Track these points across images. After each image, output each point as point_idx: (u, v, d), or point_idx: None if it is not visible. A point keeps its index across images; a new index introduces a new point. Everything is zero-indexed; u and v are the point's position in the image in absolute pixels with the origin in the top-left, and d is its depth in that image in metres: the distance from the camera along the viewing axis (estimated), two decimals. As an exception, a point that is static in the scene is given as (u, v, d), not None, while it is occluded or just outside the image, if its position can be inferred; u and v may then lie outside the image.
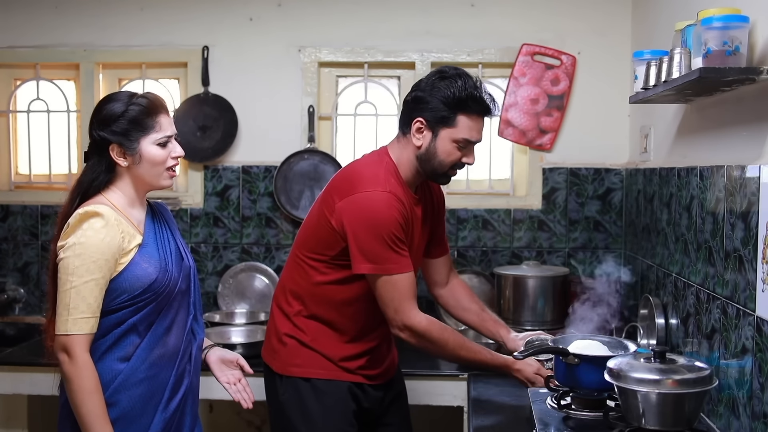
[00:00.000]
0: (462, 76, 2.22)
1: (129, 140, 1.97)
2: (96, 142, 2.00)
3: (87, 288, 1.88)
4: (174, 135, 2.06)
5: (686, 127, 2.54)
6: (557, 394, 2.22)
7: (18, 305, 3.65)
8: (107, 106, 2.00)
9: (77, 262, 1.89)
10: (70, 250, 1.90)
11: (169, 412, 2.02)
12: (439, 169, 2.26)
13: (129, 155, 1.98)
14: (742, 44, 1.82)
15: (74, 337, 1.88)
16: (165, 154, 2.02)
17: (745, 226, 1.91)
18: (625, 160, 3.43)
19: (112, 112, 1.97)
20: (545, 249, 3.50)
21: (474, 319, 2.57)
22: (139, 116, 1.98)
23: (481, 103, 2.21)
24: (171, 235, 2.13)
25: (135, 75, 3.65)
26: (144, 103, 2.00)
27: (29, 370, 2.95)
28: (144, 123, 1.98)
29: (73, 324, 1.88)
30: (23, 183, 3.74)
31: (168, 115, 2.05)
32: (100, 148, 1.99)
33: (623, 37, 3.40)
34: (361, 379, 2.34)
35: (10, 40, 3.63)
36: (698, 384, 1.80)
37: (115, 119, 1.97)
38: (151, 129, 1.99)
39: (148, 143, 1.99)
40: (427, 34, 3.49)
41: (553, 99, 3.45)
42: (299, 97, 3.53)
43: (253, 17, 3.54)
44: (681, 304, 2.44)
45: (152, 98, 2.03)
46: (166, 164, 2.03)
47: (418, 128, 2.23)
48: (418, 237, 2.36)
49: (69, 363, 1.89)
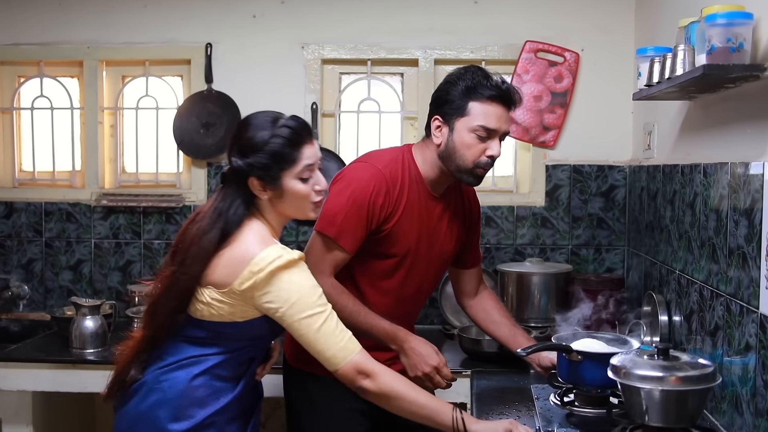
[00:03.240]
0: (475, 70, 2.20)
1: (270, 175, 1.85)
2: (234, 169, 1.87)
3: (333, 314, 1.86)
4: (317, 163, 1.91)
5: (690, 124, 2.54)
6: (560, 391, 2.22)
7: (22, 302, 3.65)
8: (249, 134, 1.86)
9: (314, 296, 1.84)
10: (298, 290, 1.83)
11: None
12: (463, 165, 2.19)
13: (270, 189, 1.87)
14: (746, 41, 1.81)
15: (357, 356, 1.86)
16: (308, 189, 1.89)
17: (748, 223, 1.91)
18: (628, 157, 3.43)
19: (253, 142, 1.84)
20: (548, 246, 3.50)
21: (506, 333, 2.49)
22: (282, 149, 1.84)
23: (491, 88, 2.16)
24: None
25: (138, 72, 3.66)
26: (287, 134, 1.85)
27: (34, 366, 2.97)
28: (287, 156, 1.85)
29: (347, 347, 1.86)
30: (27, 180, 3.75)
31: (312, 142, 1.91)
32: (238, 177, 1.87)
33: (627, 34, 3.40)
34: None
35: (14, 38, 3.64)
36: (702, 381, 1.80)
37: (255, 150, 1.84)
38: (294, 162, 1.86)
39: (290, 178, 1.86)
40: (430, 31, 3.49)
41: (556, 96, 3.45)
42: (302, 94, 3.53)
43: (257, 14, 3.54)
44: (684, 301, 2.44)
45: (296, 127, 1.88)
46: (310, 199, 1.91)
47: (437, 126, 2.22)
48: (444, 236, 2.34)
49: (373, 381, 1.88)
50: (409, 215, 2.24)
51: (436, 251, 2.35)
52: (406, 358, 2.18)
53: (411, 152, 2.30)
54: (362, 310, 2.18)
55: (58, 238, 3.65)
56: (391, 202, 2.20)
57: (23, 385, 2.97)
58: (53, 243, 3.65)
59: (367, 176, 2.19)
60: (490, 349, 2.80)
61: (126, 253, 3.63)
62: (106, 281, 3.64)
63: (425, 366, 2.16)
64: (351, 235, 2.16)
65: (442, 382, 2.19)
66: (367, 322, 2.17)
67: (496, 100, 2.16)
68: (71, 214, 3.64)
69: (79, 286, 3.65)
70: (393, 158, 2.26)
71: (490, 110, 2.16)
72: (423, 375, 2.16)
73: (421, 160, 2.27)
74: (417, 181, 2.26)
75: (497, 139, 2.19)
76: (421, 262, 2.31)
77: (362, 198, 2.15)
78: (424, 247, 2.30)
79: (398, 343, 2.19)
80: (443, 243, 2.36)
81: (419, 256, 2.29)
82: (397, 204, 2.22)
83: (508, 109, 2.20)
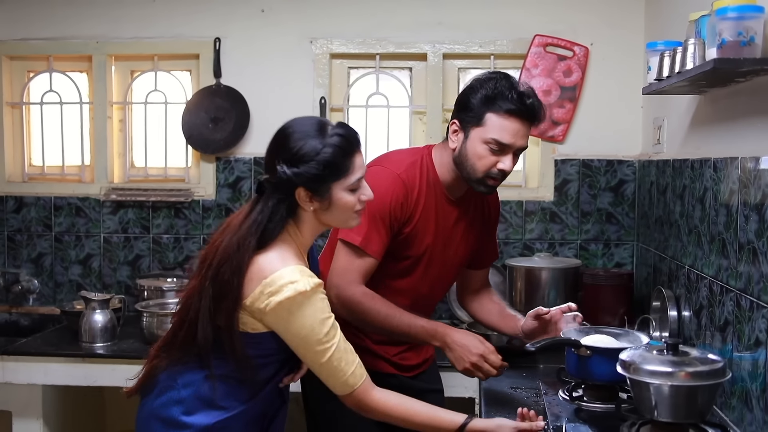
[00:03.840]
0: (500, 78, 2.13)
1: (321, 186, 1.77)
2: (279, 180, 1.76)
3: (341, 344, 1.81)
4: (364, 174, 1.85)
5: (700, 118, 2.53)
6: (569, 386, 2.22)
7: (32, 296, 3.67)
8: (297, 142, 1.76)
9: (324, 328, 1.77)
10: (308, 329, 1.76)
11: None
12: (473, 175, 2.16)
13: (317, 200, 1.79)
14: (757, 34, 1.80)
15: (361, 387, 1.84)
16: (355, 200, 1.83)
17: (759, 217, 1.90)
18: (637, 152, 3.41)
19: (305, 151, 1.75)
20: (557, 241, 3.49)
21: (496, 319, 2.48)
22: (335, 159, 1.76)
23: (512, 101, 2.09)
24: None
25: (147, 67, 3.66)
26: (339, 143, 1.77)
27: (44, 360, 2.98)
28: (339, 167, 1.77)
29: (352, 378, 1.82)
30: (37, 174, 3.76)
31: (361, 152, 1.84)
32: (284, 187, 1.77)
33: (636, 28, 3.38)
34: (391, 369, 2.32)
35: (24, 33, 3.64)
36: (711, 376, 1.79)
37: (307, 159, 1.74)
38: (345, 173, 1.78)
39: (340, 189, 1.79)
40: (439, 26, 3.48)
41: (565, 90, 3.43)
42: (311, 88, 3.53)
43: (265, 8, 3.54)
44: (694, 296, 2.44)
45: (347, 135, 1.81)
46: (355, 209, 1.85)
47: (454, 130, 2.20)
48: (460, 240, 2.33)
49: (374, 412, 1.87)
50: (425, 218, 2.23)
51: (451, 255, 2.34)
52: (451, 352, 2.13)
53: (431, 154, 2.28)
54: (397, 312, 2.14)
55: (67, 232, 3.66)
56: (410, 206, 2.19)
57: (33, 378, 2.99)
58: (63, 237, 3.66)
59: (387, 183, 2.15)
60: (498, 344, 2.78)
61: (135, 248, 3.64)
62: (116, 275, 3.65)
63: (471, 356, 2.10)
64: (377, 241, 2.14)
65: (492, 370, 2.11)
66: (403, 323, 2.14)
67: (515, 114, 2.10)
68: (80, 209, 3.65)
69: (88, 281, 3.66)
70: (413, 162, 2.23)
71: (507, 125, 2.10)
72: (471, 366, 2.11)
73: (439, 163, 2.26)
74: (435, 184, 2.25)
75: (511, 154, 2.14)
76: (436, 265, 2.30)
77: (383, 205, 2.12)
78: (439, 250, 2.29)
79: (439, 338, 2.14)
80: (458, 247, 2.35)
81: (434, 258, 2.29)
82: (415, 208, 2.21)
83: (528, 124, 2.14)
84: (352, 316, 2.15)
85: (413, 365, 2.39)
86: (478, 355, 2.10)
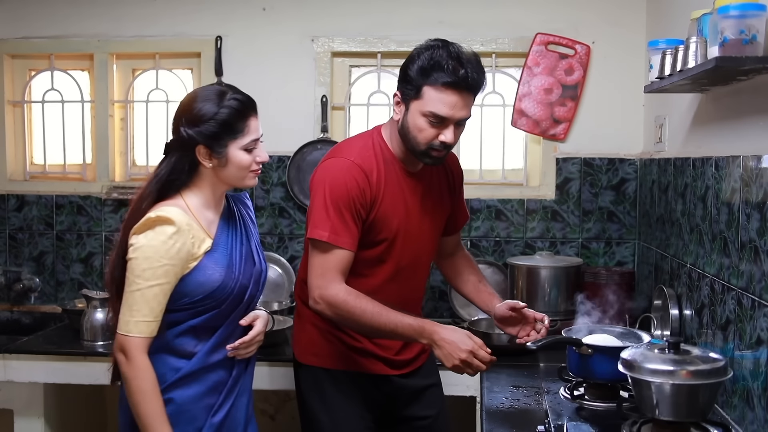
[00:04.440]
0: (437, 48, 2.07)
1: (218, 143, 1.93)
2: (182, 139, 1.94)
3: (152, 292, 1.87)
4: (260, 137, 2.00)
5: (702, 116, 2.53)
6: (570, 385, 2.22)
7: (34, 294, 3.67)
8: (198, 105, 1.93)
9: (145, 265, 1.87)
10: (140, 252, 1.88)
11: (221, 414, 2.01)
12: (416, 147, 2.12)
13: (215, 157, 1.94)
14: (759, 33, 1.80)
15: (133, 339, 1.88)
16: (251, 159, 1.98)
17: (761, 216, 1.89)
18: (639, 150, 3.41)
19: (203, 112, 1.92)
20: (558, 239, 3.49)
21: (470, 290, 2.46)
22: (231, 119, 1.93)
23: (447, 74, 2.02)
24: (245, 237, 2.08)
25: (149, 65, 3.66)
26: (235, 105, 1.94)
27: (45, 358, 2.98)
28: (235, 127, 1.93)
29: (135, 326, 1.88)
30: (38, 173, 3.76)
31: (257, 117, 2.00)
32: (185, 146, 1.94)
33: (638, 27, 3.37)
34: (383, 368, 2.31)
35: (25, 31, 3.65)
36: (712, 375, 1.79)
37: (205, 120, 1.92)
38: (241, 133, 1.94)
39: (236, 148, 1.95)
40: (440, 24, 3.47)
41: (567, 89, 3.43)
42: (312, 87, 3.53)
43: (266, 7, 3.54)
44: (695, 295, 2.43)
45: (243, 99, 1.97)
46: (251, 168, 1.99)
47: (396, 102, 2.16)
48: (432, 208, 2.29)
49: (126, 364, 1.89)
50: (391, 198, 2.19)
51: (426, 228, 2.30)
52: (439, 349, 2.06)
53: (380, 134, 2.24)
54: (383, 310, 2.09)
55: (69, 231, 3.66)
56: (372, 189, 2.14)
57: (34, 377, 2.99)
58: (64, 236, 3.67)
59: (343, 172, 2.12)
60: (499, 343, 2.80)
61: (136, 246, 3.63)
62: (117, 274, 3.64)
63: (460, 353, 2.03)
64: (345, 232, 2.10)
65: (481, 365, 2.06)
66: (390, 322, 2.08)
67: (452, 87, 2.04)
68: (82, 207, 3.65)
69: (90, 279, 3.66)
70: (364, 146, 2.20)
71: (444, 97, 2.04)
72: (461, 362, 2.04)
73: (389, 139, 2.22)
74: (391, 161, 2.21)
75: (452, 126, 2.09)
76: (414, 239, 2.26)
77: (344, 194, 2.10)
78: (414, 223, 2.25)
79: (427, 336, 2.08)
80: (432, 219, 2.31)
81: (410, 234, 2.25)
82: (378, 190, 2.16)
83: (467, 95, 2.07)
84: (338, 316, 2.10)
85: (408, 360, 2.36)
86: (467, 351, 2.03)
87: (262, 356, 2.89)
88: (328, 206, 2.09)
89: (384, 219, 2.18)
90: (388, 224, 2.19)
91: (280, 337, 3.03)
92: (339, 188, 2.09)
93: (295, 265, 3.52)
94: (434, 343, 2.07)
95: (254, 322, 2.08)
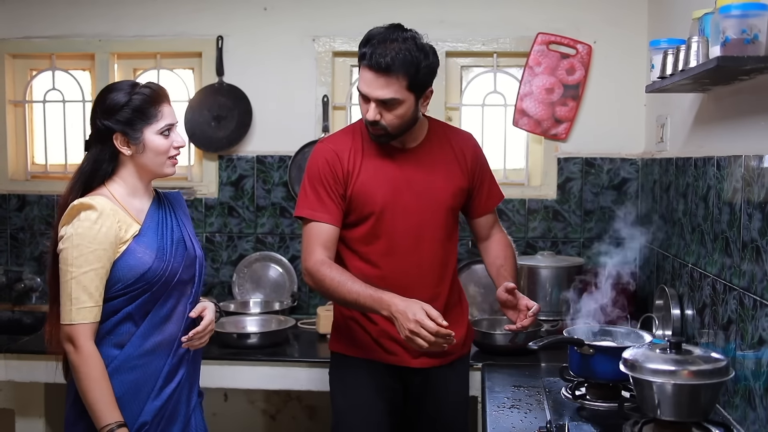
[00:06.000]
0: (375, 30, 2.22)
1: (133, 129, 1.99)
2: (99, 131, 2.02)
3: (87, 278, 1.91)
4: (176, 124, 2.08)
5: (703, 116, 2.52)
6: (572, 385, 2.22)
7: (35, 294, 3.68)
8: (111, 96, 2.01)
9: (75, 252, 1.91)
10: (68, 242, 1.93)
11: (161, 399, 2.03)
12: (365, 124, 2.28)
13: (133, 144, 2.01)
14: (761, 32, 1.79)
15: (78, 326, 1.91)
16: (168, 144, 2.05)
17: (762, 216, 1.89)
18: (640, 150, 3.41)
19: (116, 102, 1.99)
20: (560, 239, 3.49)
21: (493, 274, 2.48)
22: (143, 105, 2.00)
23: (362, 54, 2.19)
24: (176, 224, 2.12)
25: (150, 65, 3.66)
26: (147, 93, 2.02)
27: (46, 358, 2.94)
28: (147, 112, 2.01)
29: (77, 314, 1.91)
30: (39, 173, 3.76)
31: (170, 104, 2.08)
32: (103, 137, 2.01)
33: (639, 26, 3.37)
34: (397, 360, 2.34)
35: (26, 31, 3.65)
36: (714, 375, 1.79)
37: (119, 109, 1.99)
38: (154, 118, 2.02)
39: (151, 133, 2.01)
40: (442, 24, 3.47)
41: (568, 88, 3.43)
42: (313, 86, 3.53)
43: (267, 7, 3.54)
44: (697, 294, 2.43)
45: (155, 88, 2.05)
46: (169, 153, 2.06)
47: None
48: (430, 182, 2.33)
49: (75, 353, 1.92)
50: (370, 172, 2.29)
51: (425, 200, 2.32)
52: (395, 321, 2.03)
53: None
54: (348, 280, 2.14)
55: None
56: (342, 165, 2.28)
57: (36, 377, 2.98)
58: (65, 235, 3.66)
59: (315, 154, 2.33)
60: (501, 343, 2.80)
61: (137, 246, 3.63)
62: (118, 274, 3.64)
63: (408, 323, 1.98)
64: (320, 207, 2.26)
65: (429, 336, 1.96)
66: (353, 291, 2.12)
67: (365, 65, 2.19)
68: (83, 207, 3.65)
69: (91, 279, 3.66)
70: (343, 131, 2.40)
71: (362, 75, 2.21)
72: (409, 333, 1.98)
73: None
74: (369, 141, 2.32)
75: (373, 104, 2.19)
76: (406, 213, 2.30)
77: (315, 171, 2.28)
78: (405, 198, 2.30)
79: (385, 307, 2.05)
80: (431, 192, 2.33)
81: (399, 207, 2.29)
82: (351, 165, 2.28)
83: (382, 75, 2.15)
84: (315, 285, 2.23)
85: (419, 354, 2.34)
86: (415, 321, 1.97)
87: (263, 356, 2.91)
88: (306, 186, 2.30)
89: (365, 193, 2.28)
90: (372, 198, 2.28)
91: (281, 337, 3.03)
92: (311, 168, 2.31)
93: (296, 264, 3.52)
94: (391, 314, 2.05)
95: (203, 313, 2.13)
